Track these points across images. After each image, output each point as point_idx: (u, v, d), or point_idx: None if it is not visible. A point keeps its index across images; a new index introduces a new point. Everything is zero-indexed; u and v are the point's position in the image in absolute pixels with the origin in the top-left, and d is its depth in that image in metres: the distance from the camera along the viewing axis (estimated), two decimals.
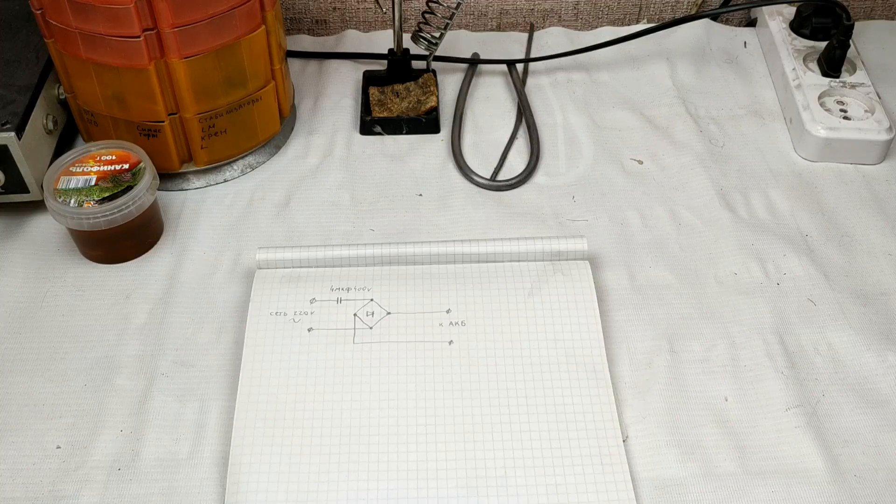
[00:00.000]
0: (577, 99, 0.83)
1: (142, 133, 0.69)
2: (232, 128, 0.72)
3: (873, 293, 0.65)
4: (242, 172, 0.75)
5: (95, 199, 0.63)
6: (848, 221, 0.71)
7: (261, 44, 0.70)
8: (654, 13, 0.93)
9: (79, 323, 0.63)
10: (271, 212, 0.72)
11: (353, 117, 0.81)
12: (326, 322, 0.61)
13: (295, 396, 0.57)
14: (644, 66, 0.87)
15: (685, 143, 0.78)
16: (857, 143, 0.75)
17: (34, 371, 0.60)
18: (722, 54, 0.88)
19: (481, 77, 0.86)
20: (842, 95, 0.78)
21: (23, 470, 0.55)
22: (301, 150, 0.78)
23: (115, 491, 0.54)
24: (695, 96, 0.83)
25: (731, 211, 0.71)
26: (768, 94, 0.83)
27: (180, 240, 0.69)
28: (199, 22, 0.64)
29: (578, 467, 0.54)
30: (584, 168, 0.76)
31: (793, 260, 0.67)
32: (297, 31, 0.92)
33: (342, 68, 0.86)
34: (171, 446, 0.56)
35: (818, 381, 0.60)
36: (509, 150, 0.78)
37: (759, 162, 0.76)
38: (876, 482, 0.54)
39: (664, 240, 0.69)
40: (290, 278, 0.64)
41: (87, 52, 0.65)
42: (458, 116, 0.80)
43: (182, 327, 0.63)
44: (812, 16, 0.83)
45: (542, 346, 0.60)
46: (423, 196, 0.73)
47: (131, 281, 0.66)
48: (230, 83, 0.69)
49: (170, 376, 0.60)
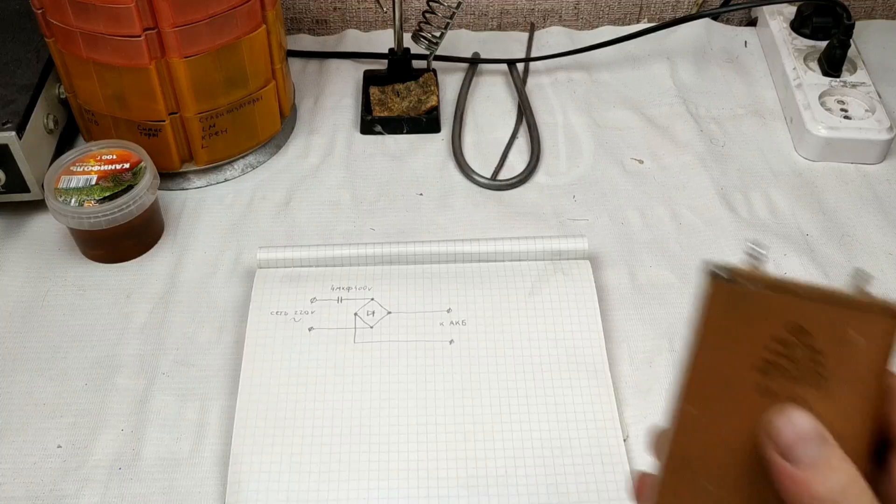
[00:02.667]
0: (578, 98, 0.83)
1: (142, 132, 0.69)
2: (232, 127, 0.72)
3: (874, 293, 0.65)
4: (243, 172, 0.75)
5: (96, 199, 0.63)
6: (848, 221, 0.71)
7: (261, 43, 0.70)
8: (654, 13, 0.93)
9: (79, 322, 0.63)
10: (272, 211, 0.72)
11: (353, 117, 0.81)
12: (327, 321, 0.61)
13: (295, 396, 0.57)
14: (644, 65, 0.87)
15: (686, 143, 0.78)
16: (857, 143, 0.75)
17: (35, 370, 0.60)
18: (722, 54, 0.88)
19: (482, 76, 0.86)
20: (842, 95, 0.78)
21: (23, 469, 0.55)
22: (301, 149, 0.78)
23: (115, 490, 0.54)
24: (695, 96, 0.83)
25: (731, 210, 0.71)
26: (769, 94, 0.83)
27: (181, 239, 0.69)
28: (199, 21, 0.64)
29: (579, 467, 0.54)
30: (584, 167, 0.76)
31: (793, 259, 0.67)
32: (297, 30, 0.91)
33: (343, 68, 0.86)
34: (172, 445, 0.56)
35: None
36: (510, 149, 0.78)
37: (760, 161, 0.76)
38: None
39: (665, 239, 0.69)
40: (290, 278, 0.64)
41: (87, 51, 0.65)
42: (459, 116, 0.80)
43: (183, 327, 0.63)
44: (813, 15, 0.83)
45: (543, 345, 0.60)
46: (423, 195, 0.73)
47: (132, 280, 0.66)
48: (231, 83, 0.69)
49: (170, 375, 0.60)
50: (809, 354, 0.30)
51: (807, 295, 0.30)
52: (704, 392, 0.31)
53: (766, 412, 0.30)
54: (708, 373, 0.31)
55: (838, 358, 0.30)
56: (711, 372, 0.31)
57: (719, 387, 0.30)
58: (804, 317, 0.30)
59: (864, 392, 0.30)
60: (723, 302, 0.30)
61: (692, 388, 0.31)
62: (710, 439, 0.31)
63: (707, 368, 0.31)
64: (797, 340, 0.30)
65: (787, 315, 0.30)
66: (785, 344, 0.30)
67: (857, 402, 0.30)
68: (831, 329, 0.30)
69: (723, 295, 0.30)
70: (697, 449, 0.31)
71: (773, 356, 0.30)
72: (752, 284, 0.30)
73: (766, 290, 0.30)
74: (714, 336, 0.31)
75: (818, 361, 0.30)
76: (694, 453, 0.31)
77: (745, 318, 0.30)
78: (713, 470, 0.31)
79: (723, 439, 0.30)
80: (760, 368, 0.30)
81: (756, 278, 0.30)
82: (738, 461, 0.30)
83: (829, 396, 0.30)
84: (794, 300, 0.30)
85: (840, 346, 0.30)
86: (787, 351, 0.30)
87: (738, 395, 0.30)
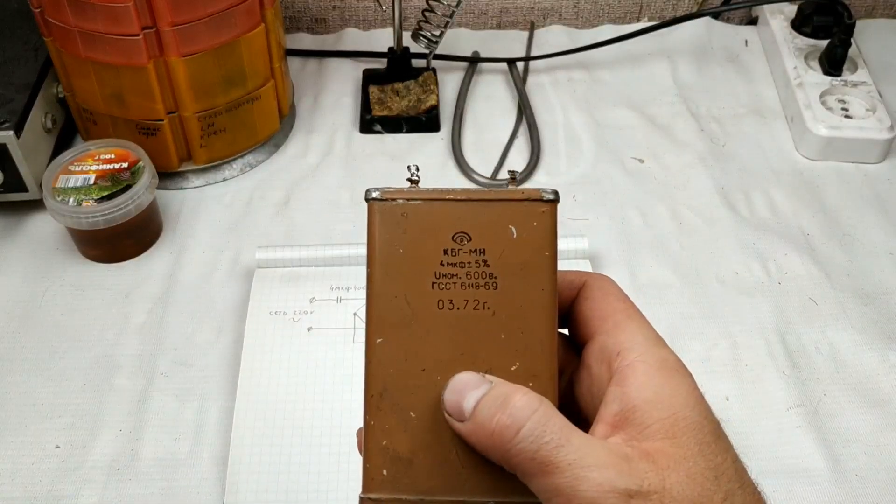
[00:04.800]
0: (578, 97, 0.83)
1: (141, 132, 0.69)
2: (231, 126, 0.71)
3: (875, 292, 0.65)
4: (242, 171, 0.75)
5: (94, 198, 0.63)
6: (849, 220, 0.71)
7: (260, 42, 0.69)
8: (654, 11, 0.92)
9: (78, 322, 0.63)
10: (271, 211, 0.72)
11: (352, 116, 0.81)
12: (326, 321, 0.61)
13: (294, 396, 0.57)
14: (645, 64, 0.86)
15: (686, 142, 0.78)
16: (858, 142, 0.75)
17: (33, 370, 0.60)
18: (723, 53, 0.88)
19: (481, 75, 0.85)
20: (843, 94, 0.78)
21: (22, 469, 0.55)
22: (301, 148, 0.77)
23: (114, 491, 0.54)
24: (696, 95, 0.83)
25: (732, 210, 0.71)
26: (769, 93, 0.83)
27: (179, 239, 0.69)
28: (198, 20, 0.64)
29: None
30: (584, 167, 0.76)
31: (794, 259, 0.67)
32: (296, 29, 0.91)
33: (342, 67, 0.86)
34: (171, 446, 0.56)
35: (819, 381, 0.59)
36: (510, 148, 0.77)
37: (761, 161, 0.76)
38: (877, 482, 0.54)
39: (665, 239, 0.69)
40: (289, 277, 0.64)
41: (86, 50, 0.64)
42: (459, 115, 0.80)
43: (181, 327, 0.63)
44: (813, 14, 0.83)
45: None
46: None
47: (130, 280, 0.66)
48: (229, 82, 0.69)
49: (169, 376, 0.60)
50: (475, 258, 0.30)
51: (464, 199, 0.31)
52: (388, 319, 0.30)
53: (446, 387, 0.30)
54: (387, 299, 0.30)
55: (501, 255, 0.30)
56: (390, 298, 0.30)
57: (401, 311, 0.30)
58: (465, 223, 0.30)
59: (537, 283, 0.30)
60: (385, 222, 0.31)
61: (375, 318, 0.31)
62: (404, 366, 0.30)
63: (385, 295, 0.30)
64: (460, 246, 0.30)
65: (449, 224, 0.30)
66: (452, 253, 0.30)
67: (534, 294, 0.30)
68: (491, 228, 0.30)
69: (383, 215, 0.31)
70: (394, 378, 0.30)
71: (446, 268, 0.30)
72: (407, 199, 0.31)
73: (421, 202, 0.31)
74: (385, 261, 0.31)
75: (484, 262, 0.30)
76: (392, 384, 0.30)
77: (412, 237, 0.31)
78: (413, 397, 0.30)
79: (417, 363, 0.30)
80: (437, 283, 0.30)
81: (412, 194, 0.31)
82: (432, 382, 0.30)
83: (504, 294, 0.30)
84: (452, 207, 0.31)
85: (501, 243, 0.30)
86: (456, 259, 0.30)
87: (421, 315, 0.30)
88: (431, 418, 0.31)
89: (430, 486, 0.30)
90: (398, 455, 0.31)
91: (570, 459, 0.28)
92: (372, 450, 0.31)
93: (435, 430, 0.31)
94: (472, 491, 0.30)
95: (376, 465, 0.31)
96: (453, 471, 0.30)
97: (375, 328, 0.31)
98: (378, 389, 0.31)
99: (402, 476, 0.31)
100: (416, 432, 0.31)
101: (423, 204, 0.31)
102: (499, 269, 0.31)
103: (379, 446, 0.31)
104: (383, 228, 0.31)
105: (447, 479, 0.30)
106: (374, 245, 0.31)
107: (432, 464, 0.30)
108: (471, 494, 0.30)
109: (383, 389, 0.31)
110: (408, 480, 0.31)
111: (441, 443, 0.31)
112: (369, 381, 0.31)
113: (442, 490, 0.30)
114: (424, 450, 0.31)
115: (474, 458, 0.30)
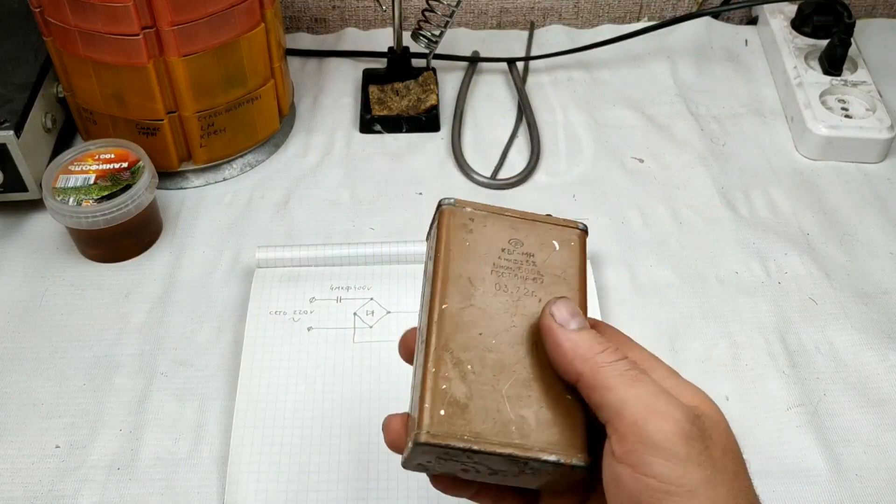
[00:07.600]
0: (578, 97, 0.83)
1: (141, 131, 0.69)
2: (231, 126, 0.71)
3: (875, 292, 0.65)
4: (242, 171, 0.75)
5: (94, 198, 0.63)
6: (849, 220, 0.71)
7: (260, 42, 0.69)
8: (654, 11, 0.92)
9: (78, 322, 0.63)
10: (271, 210, 0.72)
11: (352, 116, 0.81)
12: (326, 321, 0.61)
13: (294, 396, 0.57)
14: (645, 64, 0.86)
15: (686, 142, 0.78)
16: (858, 142, 0.75)
17: (33, 370, 0.60)
18: (723, 52, 0.88)
19: (481, 75, 0.85)
20: (843, 94, 0.78)
21: (22, 469, 0.55)
22: (300, 148, 0.77)
23: (114, 490, 0.54)
24: (696, 94, 0.83)
25: (732, 209, 0.71)
26: (769, 93, 0.83)
27: (179, 239, 0.69)
28: (198, 20, 0.64)
29: None
30: (584, 167, 0.76)
31: (794, 259, 0.67)
32: (296, 29, 0.91)
33: (342, 66, 0.86)
34: (171, 446, 0.56)
35: (819, 381, 0.59)
36: (510, 148, 0.77)
37: (761, 160, 0.76)
38: (878, 481, 0.54)
39: (665, 239, 0.69)
40: (289, 277, 0.64)
41: (85, 50, 0.64)
42: (459, 115, 0.80)
43: (181, 326, 0.63)
44: (813, 14, 0.83)
45: None
46: (423, 195, 0.73)
47: (130, 280, 0.66)
48: (229, 81, 0.69)
49: (169, 375, 0.60)
50: (526, 258, 0.39)
51: (519, 217, 0.41)
52: (453, 293, 0.38)
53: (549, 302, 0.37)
54: (454, 276, 0.38)
55: (546, 260, 0.40)
56: (456, 276, 0.38)
57: (465, 287, 0.38)
58: (519, 233, 0.40)
59: (572, 285, 0.39)
60: (455, 224, 0.40)
61: (443, 291, 0.38)
62: (464, 328, 0.37)
63: (452, 273, 0.38)
64: (514, 248, 0.40)
65: (506, 232, 0.40)
66: (508, 252, 0.39)
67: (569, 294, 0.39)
68: (539, 240, 0.40)
69: (453, 217, 0.40)
70: (455, 338, 0.37)
71: (502, 262, 0.39)
72: (474, 209, 0.40)
73: (486, 213, 0.40)
74: (454, 249, 0.39)
75: (532, 263, 0.39)
76: (453, 342, 0.37)
77: (476, 236, 0.39)
78: (471, 354, 0.36)
79: (476, 328, 0.37)
80: (495, 271, 0.39)
81: (477, 206, 0.41)
82: (488, 345, 0.37)
83: (546, 287, 0.39)
84: (510, 221, 0.40)
85: (546, 251, 0.40)
86: (511, 257, 0.39)
87: (480, 292, 0.38)
88: (487, 373, 0.36)
89: (481, 430, 0.35)
90: (456, 399, 0.35)
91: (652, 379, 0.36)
92: (433, 393, 0.35)
93: (490, 384, 0.36)
94: (518, 443, 0.35)
95: (436, 405, 0.35)
96: (503, 421, 0.35)
97: (441, 297, 0.38)
98: (441, 343, 0.36)
99: (457, 418, 0.35)
100: (472, 384, 0.36)
101: (487, 214, 0.40)
102: (544, 269, 0.39)
103: (439, 390, 0.35)
104: (453, 226, 0.40)
105: (497, 428, 0.35)
106: (443, 237, 0.39)
107: (486, 411, 0.35)
108: (515, 447, 0.35)
109: (445, 344, 0.36)
110: (462, 422, 0.35)
111: (495, 395, 0.36)
112: (432, 338, 0.37)
113: (490, 436, 0.35)
114: (479, 398, 0.35)
115: (523, 412, 0.35)
